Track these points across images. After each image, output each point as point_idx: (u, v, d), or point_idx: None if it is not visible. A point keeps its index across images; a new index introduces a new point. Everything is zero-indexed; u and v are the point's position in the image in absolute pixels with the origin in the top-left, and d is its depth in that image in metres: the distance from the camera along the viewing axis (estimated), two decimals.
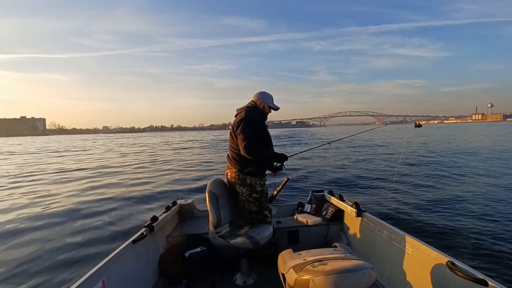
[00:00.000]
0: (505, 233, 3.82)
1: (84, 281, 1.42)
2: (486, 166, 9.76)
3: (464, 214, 4.73)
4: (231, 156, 2.31)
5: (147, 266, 2.17)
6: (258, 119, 2.31)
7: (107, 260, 1.67)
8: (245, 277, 2.23)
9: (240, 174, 2.25)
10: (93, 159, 17.61)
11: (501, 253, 3.25)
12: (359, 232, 2.37)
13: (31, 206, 6.48)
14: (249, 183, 2.25)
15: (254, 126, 2.21)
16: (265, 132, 2.34)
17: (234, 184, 2.28)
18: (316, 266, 1.25)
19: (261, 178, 2.32)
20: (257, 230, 2.19)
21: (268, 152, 2.32)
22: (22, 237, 4.46)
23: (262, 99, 2.35)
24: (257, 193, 2.28)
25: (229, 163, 2.34)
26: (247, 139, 2.12)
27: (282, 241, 2.60)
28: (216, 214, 2.12)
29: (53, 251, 3.89)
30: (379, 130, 48.29)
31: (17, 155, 23.70)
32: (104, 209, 5.92)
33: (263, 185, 2.33)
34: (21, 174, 11.83)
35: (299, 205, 3.04)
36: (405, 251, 1.79)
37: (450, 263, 1.38)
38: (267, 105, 2.36)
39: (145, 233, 2.12)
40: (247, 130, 2.15)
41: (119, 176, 10.35)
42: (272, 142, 2.45)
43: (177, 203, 2.96)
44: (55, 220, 5.29)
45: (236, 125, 2.22)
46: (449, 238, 3.76)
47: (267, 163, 2.35)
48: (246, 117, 2.21)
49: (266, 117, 2.41)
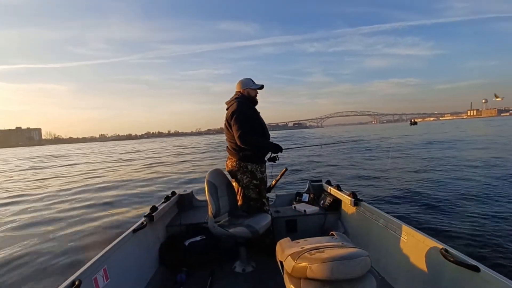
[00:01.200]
0: (499, 221, 3.88)
1: (86, 269, 1.45)
2: (483, 157, 9.88)
3: (460, 202, 4.82)
4: (230, 147, 2.38)
5: (147, 255, 2.20)
6: (249, 107, 2.37)
7: (108, 249, 1.69)
8: (244, 265, 2.26)
9: (240, 162, 2.31)
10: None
11: (493, 240, 3.31)
12: (356, 221, 2.41)
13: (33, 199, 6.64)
14: (250, 169, 2.31)
15: (246, 115, 2.27)
16: (258, 120, 2.40)
17: (236, 172, 2.34)
18: (313, 253, 1.27)
19: (261, 165, 2.39)
20: (255, 219, 2.22)
21: (263, 141, 2.37)
22: (25, 226, 4.63)
23: (244, 86, 2.41)
24: (257, 180, 2.34)
25: (229, 154, 2.41)
26: (240, 129, 2.20)
27: (280, 230, 2.64)
28: (215, 203, 2.15)
29: (56, 241, 4.01)
30: (376, 128, 48.51)
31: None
32: (105, 200, 6.07)
33: (263, 173, 2.40)
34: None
35: (297, 195, 3.07)
36: (400, 239, 1.82)
37: (443, 250, 1.42)
38: (250, 90, 2.41)
39: (145, 222, 2.15)
40: (240, 120, 2.22)
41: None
42: (267, 130, 2.50)
43: (176, 193, 2.99)
44: (56, 213, 5.47)
45: (229, 116, 2.28)
46: (444, 226, 3.82)
47: (263, 152, 2.40)
48: (238, 108, 2.27)
49: (256, 101, 2.46)
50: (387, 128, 57.19)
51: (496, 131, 25.46)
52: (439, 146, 14.33)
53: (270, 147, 2.37)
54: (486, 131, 25.25)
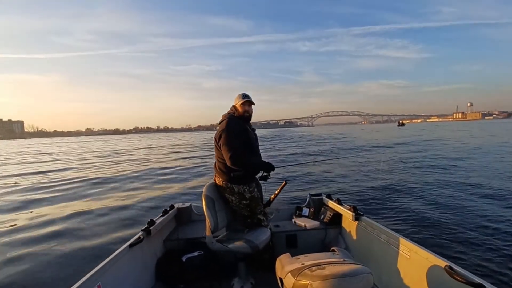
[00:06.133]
0: (505, 236, 3.81)
1: (80, 286, 1.39)
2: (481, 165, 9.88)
3: (463, 216, 4.73)
4: (217, 167, 2.30)
5: (143, 270, 2.14)
6: (239, 125, 2.27)
7: (103, 265, 1.63)
8: (243, 282, 2.21)
9: (228, 183, 2.24)
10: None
11: (498, 257, 3.26)
12: (357, 236, 2.38)
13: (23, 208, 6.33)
14: (237, 191, 2.24)
15: (235, 135, 2.19)
16: (248, 138, 2.31)
17: (223, 192, 2.28)
18: (314, 270, 1.25)
19: (249, 185, 2.30)
20: (255, 234, 2.17)
21: (255, 161, 2.31)
22: (16, 237, 4.39)
23: (236, 102, 2.35)
24: (247, 199, 2.27)
25: (216, 173, 2.33)
26: (231, 150, 2.12)
27: (280, 245, 2.59)
28: (213, 218, 2.10)
29: (48, 255, 3.82)
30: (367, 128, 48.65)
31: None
32: (100, 212, 5.83)
33: (252, 191, 2.31)
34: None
35: (297, 209, 3.02)
36: (403, 255, 1.79)
37: (448, 267, 1.39)
38: (239, 106, 2.32)
39: (142, 236, 2.08)
40: (229, 141, 2.14)
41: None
42: (258, 147, 2.44)
43: (174, 207, 2.92)
44: (49, 224, 5.20)
45: (218, 136, 2.21)
46: (447, 241, 3.75)
47: (254, 172, 2.34)
48: (227, 127, 2.20)
49: (249, 117, 2.37)
50: (376, 128, 57.61)
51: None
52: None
53: (262, 166, 2.32)
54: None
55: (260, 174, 2.41)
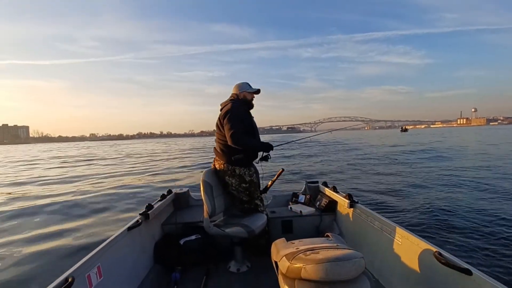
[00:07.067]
0: (493, 225, 3.93)
1: (80, 266, 1.42)
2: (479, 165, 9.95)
3: (456, 206, 4.87)
4: (218, 148, 2.34)
5: (142, 253, 2.17)
6: (244, 110, 2.36)
7: (103, 247, 1.66)
8: (239, 265, 2.26)
9: (228, 165, 2.27)
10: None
11: (486, 244, 3.36)
12: (351, 222, 2.41)
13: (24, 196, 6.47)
14: (238, 173, 2.28)
15: (240, 116, 2.25)
16: (251, 123, 2.38)
17: (223, 175, 2.31)
18: (308, 254, 1.27)
19: (249, 168, 2.35)
20: (251, 219, 2.21)
21: (255, 141, 2.36)
22: (19, 221, 4.51)
23: (241, 89, 2.40)
24: (246, 183, 2.31)
25: (216, 155, 2.36)
26: (233, 128, 2.16)
27: (275, 230, 2.63)
28: (211, 203, 2.14)
29: (49, 238, 3.91)
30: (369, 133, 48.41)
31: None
32: (100, 199, 5.96)
33: (252, 175, 2.36)
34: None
35: (294, 195, 3.07)
36: (395, 242, 1.83)
37: (437, 253, 1.43)
38: (247, 93, 2.41)
39: (140, 220, 2.12)
40: (233, 120, 2.19)
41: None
42: (258, 133, 2.50)
43: (172, 192, 2.96)
44: (50, 208, 5.36)
45: (222, 116, 2.26)
46: (439, 229, 3.85)
47: (254, 152, 2.39)
48: (233, 108, 2.25)
49: (252, 105, 2.46)
50: (380, 135, 57.22)
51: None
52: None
53: (261, 146, 2.37)
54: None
55: (261, 155, 2.44)
